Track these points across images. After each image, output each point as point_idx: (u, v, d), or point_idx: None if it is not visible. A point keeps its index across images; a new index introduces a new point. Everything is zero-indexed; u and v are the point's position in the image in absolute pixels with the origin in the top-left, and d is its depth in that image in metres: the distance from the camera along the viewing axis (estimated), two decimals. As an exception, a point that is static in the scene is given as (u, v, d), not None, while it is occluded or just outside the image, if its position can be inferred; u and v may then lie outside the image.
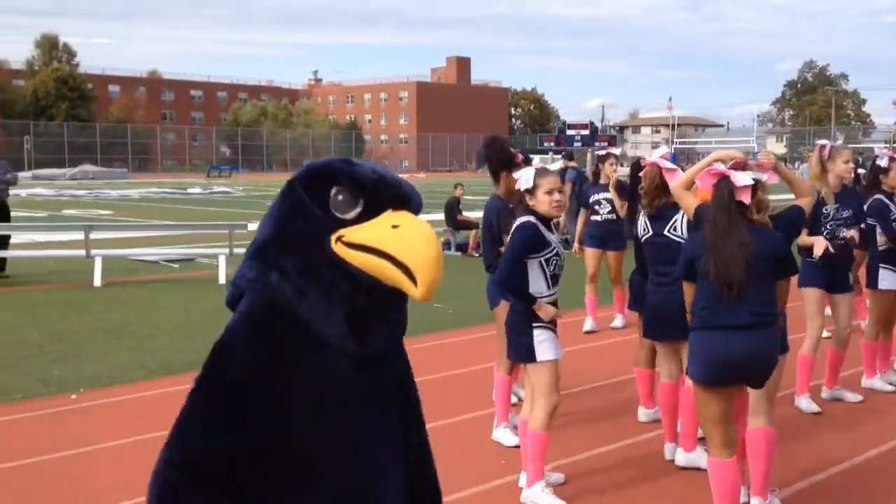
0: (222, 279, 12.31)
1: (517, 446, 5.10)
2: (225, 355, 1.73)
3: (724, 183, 4.01)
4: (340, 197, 1.68)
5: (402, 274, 1.61)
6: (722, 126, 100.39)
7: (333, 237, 1.66)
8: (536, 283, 4.51)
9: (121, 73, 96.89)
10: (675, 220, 4.98)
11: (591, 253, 9.12)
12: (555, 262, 4.53)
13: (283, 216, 1.74)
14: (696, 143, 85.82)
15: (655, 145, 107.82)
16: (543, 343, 4.54)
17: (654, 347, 5.41)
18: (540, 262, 4.49)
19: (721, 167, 4.17)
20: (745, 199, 3.95)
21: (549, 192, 4.51)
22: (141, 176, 65.39)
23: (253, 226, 16.94)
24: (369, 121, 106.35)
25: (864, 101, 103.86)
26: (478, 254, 15.66)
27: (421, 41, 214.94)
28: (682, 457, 5.08)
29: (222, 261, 12.59)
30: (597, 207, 9.06)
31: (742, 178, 3.96)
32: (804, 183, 4.93)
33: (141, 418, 6.10)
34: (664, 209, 5.04)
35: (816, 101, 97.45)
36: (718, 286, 3.88)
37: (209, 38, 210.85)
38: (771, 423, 4.36)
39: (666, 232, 5.02)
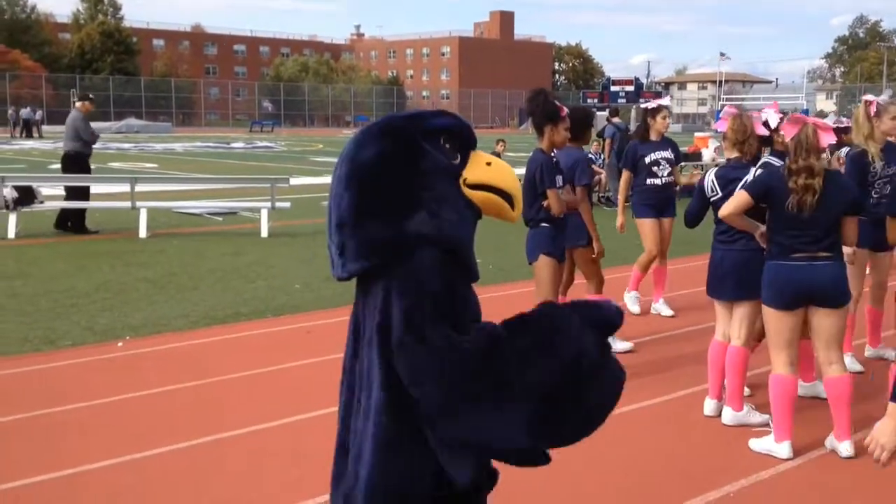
0: (265, 233, 12.43)
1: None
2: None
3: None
4: (448, 145, 1.93)
5: (505, 202, 1.97)
6: (770, 82, 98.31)
7: (461, 181, 1.94)
8: None
9: (165, 27, 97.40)
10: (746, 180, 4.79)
11: (649, 225, 7.77)
12: None
13: (426, 171, 1.90)
14: (743, 99, 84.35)
15: (702, 101, 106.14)
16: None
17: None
18: None
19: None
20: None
21: None
22: (185, 130, 65.95)
23: (295, 180, 17.11)
24: (411, 76, 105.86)
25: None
26: (519, 210, 15.53)
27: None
28: (729, 415, 5.04)
29: (264, 214, 12.70)
30: (655, 169, 7.71)
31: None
32: None
33: (184, 365, 6.23)
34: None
35: (868, 57, 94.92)
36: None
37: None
38: (846, 370, 4.67)
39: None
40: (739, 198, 4.65)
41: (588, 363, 1.78)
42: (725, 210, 4.72)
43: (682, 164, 16.95)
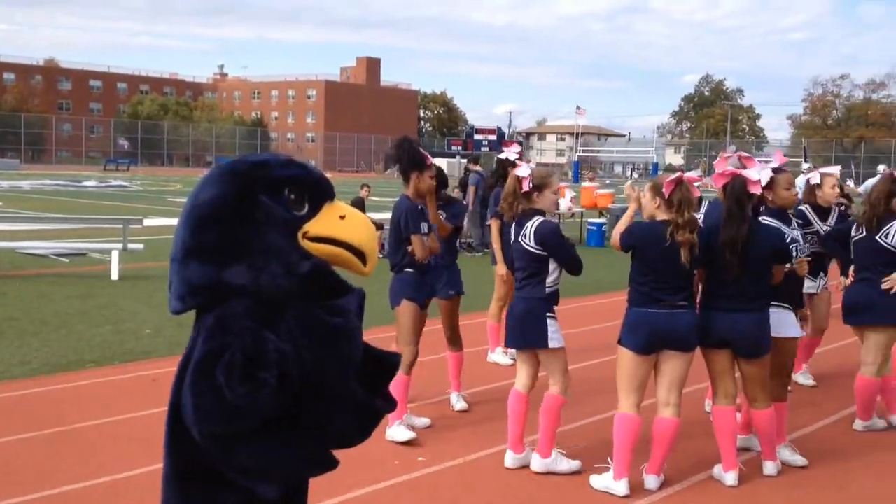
0: (115, 275, 11.95)
1: (410, 441, 5.48)
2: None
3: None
4: (293, 196, 1.90)
5: (355, 257, 1.95)
6: (624, 136, 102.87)
7: (300, 234, 1.90)
8: None
9: (16, 59, 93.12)
10: (526, 228, 5.02)
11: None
12: None
13: (257, 222, 1.87)
14: (598, 151, 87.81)
15: (560, 152, 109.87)
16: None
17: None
18: None
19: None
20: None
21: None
22: (34, 167, 62.89)
23: (149, 221, 16.55)
24: (276, 118, 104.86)
25: (758, 116, 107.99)
26: (382, 254, 15.61)
27: (332, 40, 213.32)
28: (538, 462, 5.06)
29: (115, 256, 12.21)
30: None
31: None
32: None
33: (20, 416, 5.87)
34: (523, 216, 5.10)
35: (714, 114, 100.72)
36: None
37: (119, 28, 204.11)
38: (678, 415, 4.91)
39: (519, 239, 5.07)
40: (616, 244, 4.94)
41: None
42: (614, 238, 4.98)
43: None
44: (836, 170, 6.95)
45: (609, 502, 4.73)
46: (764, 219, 5.22)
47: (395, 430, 5.59)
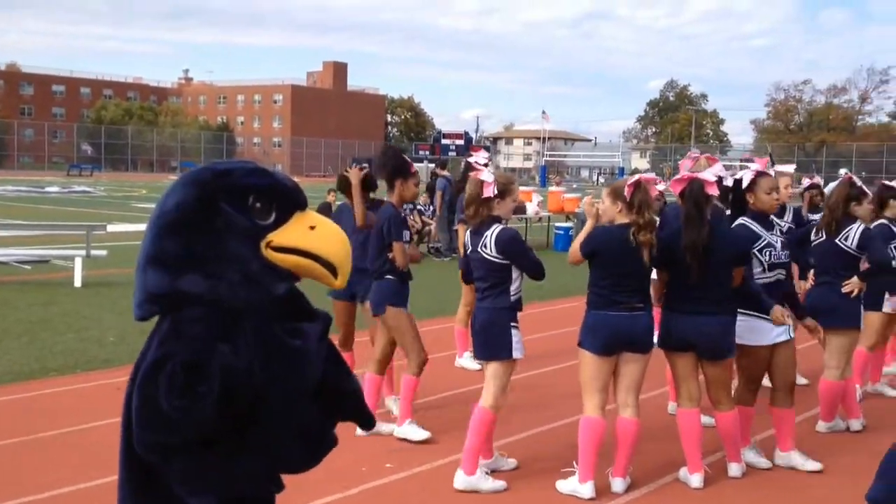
0: (78, 282, 11.80)
1: (426, 440, 5.59)
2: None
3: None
4: (258, 205, 1.86)
5: (325, 269, 1.89)
6: (590, 141, 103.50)
7: (263, 243, 1.86)
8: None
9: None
10: (485, 237, 4.92)
11: None
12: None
13: (217, 230, 1.85)
14: (565, 156, 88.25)
15: (527, 157, 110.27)
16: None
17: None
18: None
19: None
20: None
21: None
22: (-5, 172, 61.96)
23: (113, 227, 16.38)
24: (242, 123, 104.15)
25: (722, 121, 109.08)
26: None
27: (299, 44, 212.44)
28: (461, 479, 4.92)
29: (78, 263, 12.06)
30: None
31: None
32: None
33: (-19, 427, 5.78)
34: (481, 225, 4.97)
35: (679, 119, 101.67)
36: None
37: (82, 32, 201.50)
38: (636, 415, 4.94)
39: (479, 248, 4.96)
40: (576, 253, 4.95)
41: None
42: (569, 257, 5.00)
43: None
44: (790, 168, 7.03)
45: (576, 506, 4.75)
46: (744, 220, 5.28)
47: (408, 428, 5.66)
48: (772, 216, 5.43)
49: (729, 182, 6.66)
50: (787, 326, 5.23)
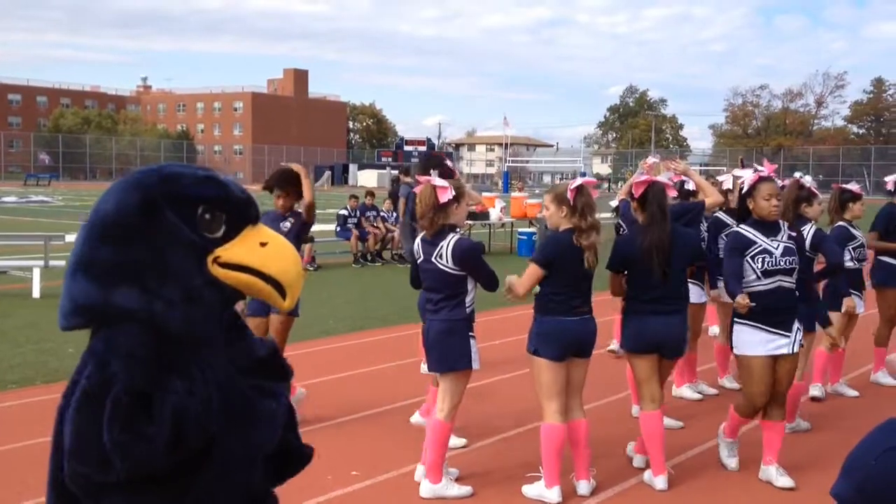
0: (36, 293, 11.62)
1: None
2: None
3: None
4: (208, 216, 1.70)
5: (273, 288, 1.74)
6: (552, 146, 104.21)
7: (210, 259, 1.70)
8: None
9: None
10: (441, 248, 4.83)
11: None
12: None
13: (158, 241, 1.67)
14: (527, 161, 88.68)
15: (490, 163, 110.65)
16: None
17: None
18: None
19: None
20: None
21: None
22: (-51, 182, 60.82)
23: (71, 237, 16.11)
24: (202, 131, 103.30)
25: (681, 126, 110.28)
26: (312, 267, 15.52)
27: (259, 52, 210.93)
28: (427, 488, 4.90)
29: (37, 273, 11.87)
30: None
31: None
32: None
33: (-63, 442, 5.65)
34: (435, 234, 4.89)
35: (639, 124, 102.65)
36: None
37: (38, 40, 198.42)
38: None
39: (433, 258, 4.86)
40: (533, 274, 4.82)
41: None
42: (521, 289, 4.86)
43: (470, 223, 17.57)
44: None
45: (543, 510, 4.76)
46: (742, 227, 5.19)
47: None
48: (781, 221, 5.22)
49: (691, 186, 6.75)
50: (789, 339, 5.07)
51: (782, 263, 5.02)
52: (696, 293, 6.89)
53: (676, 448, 5.76)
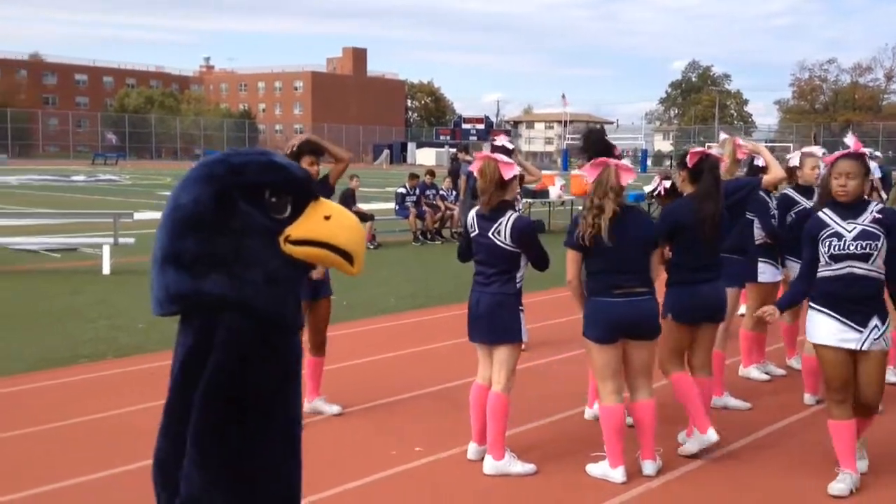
0: (106, 270, 11.92)
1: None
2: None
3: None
4: (275, 199, 1.83)
5: (342, 258, 1.88)
6: (612, 123, 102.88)
7: (281, 238, 1.84)
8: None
9: (0, 55, 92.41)
10: (500, 224, 4.85)
11: None
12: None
13: (236, 229, 1.81)
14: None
15: (549, 140, 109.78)
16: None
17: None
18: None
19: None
20: None
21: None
22: (21, 162, 62.47)
23: (139, 215, 16.49)
24: (263, 110, 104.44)
25: (746, 102, 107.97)
26: (372, 246, 15.62)
27: (318, 31, 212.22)
28: (490, 464, 4.93)
29: (106, 251, 12.18)
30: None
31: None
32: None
33: (15, 412, 5.86)
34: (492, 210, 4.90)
35: (702, 100, 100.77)
36: None
37: (105, 21, 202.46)
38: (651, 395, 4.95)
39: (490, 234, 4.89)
40: (569, 258, 4.85)
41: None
42: (569, 276, 4.89)
43: (529, 200, 17.49)
44: (817, 150, 6.97)
45: (608, 489, 4.75)
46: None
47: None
48: (871, 201, 4.86)
49: (760, 162, 6.62)
50: (860, 335, 4.56)
51: (852, 248, 4.53)
52: (770, 272, 6.80)
53: (742, 429, 5.69)
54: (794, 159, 6.86)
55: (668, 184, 5.70)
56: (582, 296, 4.91)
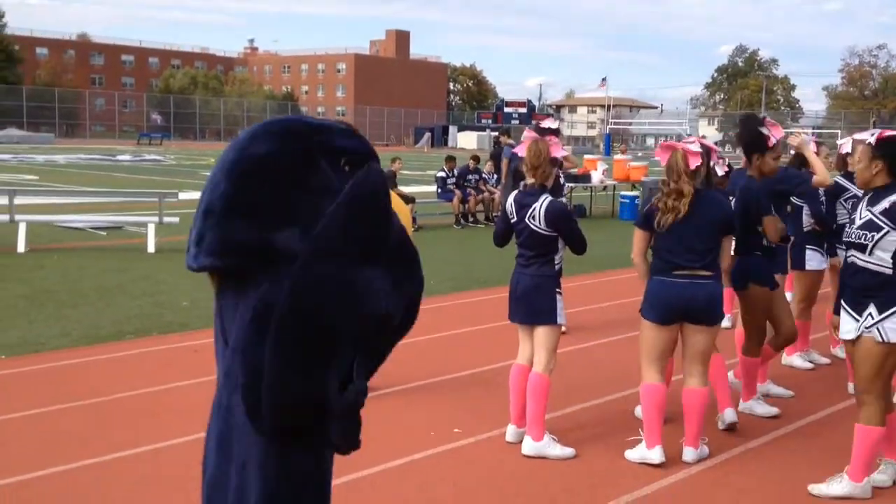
0: (151, 248, 12.09)
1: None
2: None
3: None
4: (348, 168, 1.85)
5: None
6: (656, 108, 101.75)
7: None
8: None
9: (49, 35, 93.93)
10: (534, 209, 4.90)
11: None
12: None
13: (314, 189, 1.79)
14: (630, 123, 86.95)
15: (591, 125, 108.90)
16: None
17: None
18: None
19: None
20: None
21: None
22: (68, 141, 63.58)
23: (184, 195, 16.69)
24: (306, 92, 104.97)
25: (793, 87, 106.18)
26: (414, 228, 15.61)
27: (362, 13, 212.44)
28: (529, 445, 4.92)
29: (151, 229, 12.35)
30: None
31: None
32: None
33: (63, 386, 5.98)
34: (527, 194, 5.00)
35: (748, 85, 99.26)
36: None
37: (151, 2, 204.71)
38: (705, 384, 4.88)
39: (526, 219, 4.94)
40: (636, 236, 4.88)
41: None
42: (633, 254, 4.94)
43: (571, 185, 17.38)
44: (868, 136, 6.80)
45: (644, 476, 4.72)
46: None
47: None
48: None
49: (848, 148, 6.52)
50: (855, 324, 4.32)
51: (853, 237, 4.28)
52: (816, 260, 6.71)
53: (785, 418, 5.62)
54: (845, 146, 6.70)
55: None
56: (646, 274, 4.90)
